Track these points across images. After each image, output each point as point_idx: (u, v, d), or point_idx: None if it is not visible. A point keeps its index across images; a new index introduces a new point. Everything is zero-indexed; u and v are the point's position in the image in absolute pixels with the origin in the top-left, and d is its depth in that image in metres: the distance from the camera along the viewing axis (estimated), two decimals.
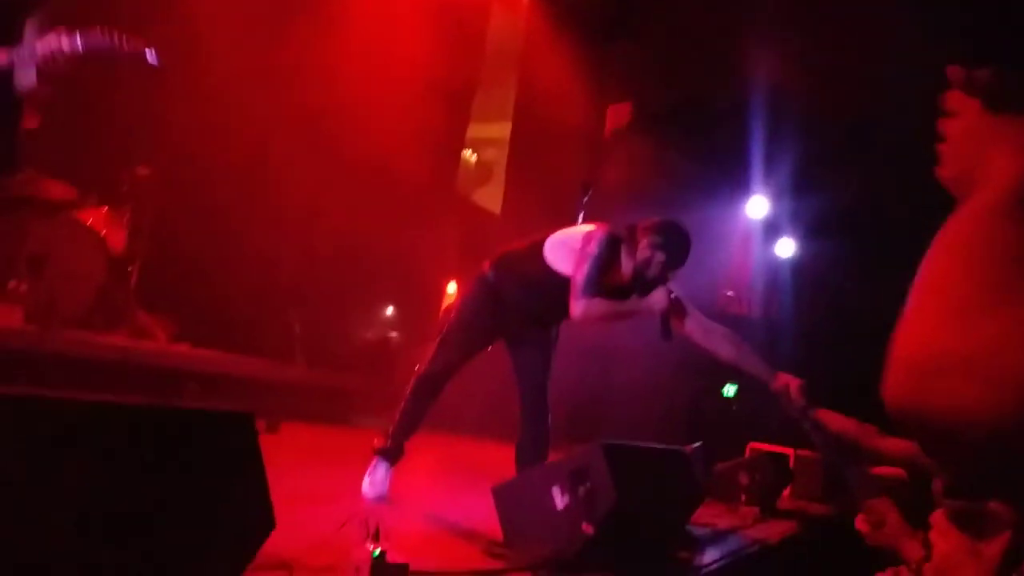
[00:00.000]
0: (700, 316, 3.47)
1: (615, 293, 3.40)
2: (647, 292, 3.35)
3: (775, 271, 9.34)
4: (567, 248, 3.43)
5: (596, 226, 3.45)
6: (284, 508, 1.62)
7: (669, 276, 3.35)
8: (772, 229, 9.34)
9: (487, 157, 11.84)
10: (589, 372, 7.36)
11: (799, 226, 9.10)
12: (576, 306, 3.30)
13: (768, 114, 8.42)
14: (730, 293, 8.06)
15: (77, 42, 2.84)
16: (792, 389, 3.05)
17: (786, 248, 9.35)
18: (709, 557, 3.20)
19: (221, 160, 6.00)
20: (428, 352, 3.72)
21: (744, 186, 9.08)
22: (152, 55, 2.96)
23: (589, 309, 3.30)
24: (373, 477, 3.40)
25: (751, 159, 8.82)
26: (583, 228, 3.51)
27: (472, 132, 10.40)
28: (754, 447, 6.04)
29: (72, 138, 5.21)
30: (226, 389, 5.42)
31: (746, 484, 4.87)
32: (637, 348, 6.88)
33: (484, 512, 2.91)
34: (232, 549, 1.54)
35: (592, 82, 8.86)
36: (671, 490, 3.14)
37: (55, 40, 2.84)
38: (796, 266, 9.18)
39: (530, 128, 9.28)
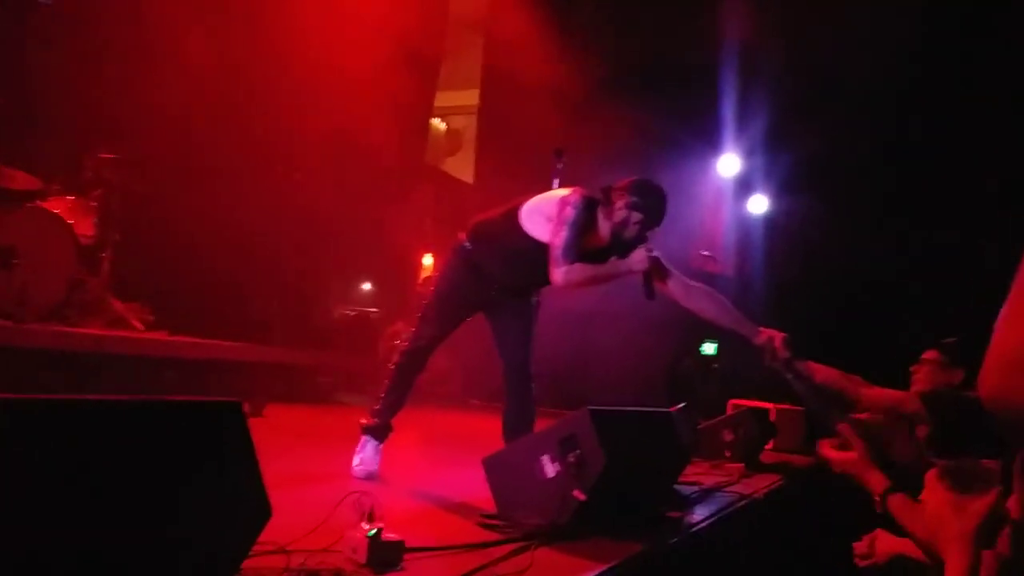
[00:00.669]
0: (680, 275, 3.49)
1: (594, 256, 3.37)
2: (626, 253, 3.34)
3: (748, 229, 9.39)
4: (543, 214, 3.38)
5: (571, 190, 3.42)
6: (276, 492, 1.61)
7: (647, 236, 3.35)
8: (744, 187, 9.37)
9: (456, 125, 11.74)
10: (569, 338, 7.39)
11: (771, 183, 9.13)
12: (557, 272, 3.28)
13: (738, 71, 8.40)
14: (705, 253, 8.09)
15: None
16: (776, 342, 3.10)
17: (758, 205, 9.39)
18: (699, 515, 3.25)
19: (186, 141, 5.89)
20: (409, 327, 3.71)
21: (715, 144, 9.09)
22: None
23: (570, 274, 3.28)
24: (363, 455, 3.40)
25: (722, 117, 8.81)
26: (557, 193, 3.46)
27: (440, 100, 10.29)
28: (735, 403, 6.13)
29: (31, 126, 5.09)
30: (207, 375, 5.37)
31: (730, 440, 4.95)
32: (615, 311, 6.92)
33: (475, 484, 2.93)
34: (230, 540, 1.54)
35: (560, 44, 8.77)
36: (658, 452, 3.18)
37: None
38: (769, 223, 9.23)
39: (499, 94, 9.19)
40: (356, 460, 3.39)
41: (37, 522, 1.18)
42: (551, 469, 2.63)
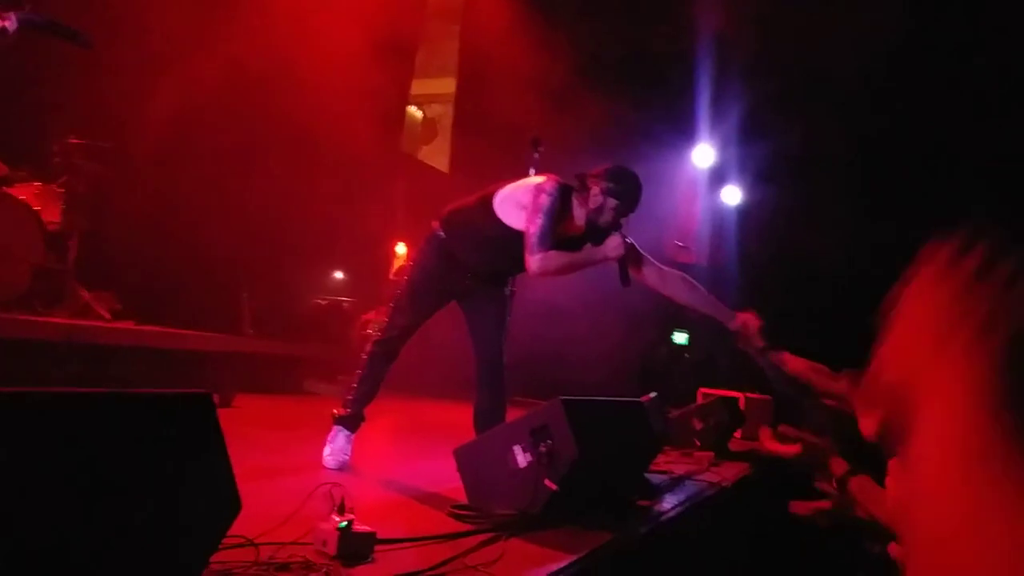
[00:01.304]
0: (654, 261, 3.51)
1: (569, 244, 3.38)
2: (601, 241, 3.35)
3: (722, 219, 9.47)
4: (517, 202, 3.37)
5: (545, 177, 3.41)
6: (246, 483, 1.59)
7: (622, 222, 3.36)
8: (718, 177, 9.43)
9: (432, 114, 11.67)
10: (542, 326, 7.40)
11: (745, 174, 9.20)
12: (532, 260, 3.28)
13: (713, 63, 8.44)
14: (679, 243, 8.14)
15: (14, 20, 2.70)
16: (751, 328, 3.13)
17: (732, 196, 9.46)
18: (669, 503, 3.28)
19: (155, 129, 5.79)
20: (382, 316, 3.69)
21: (690, 135, 9.13)
22: (85, 38, 2.84)
23: (546, 262, 3.28)
24: (333, 446, 3.38)
25: (697, 108, 8.85)
26: (532, 180, 3.45)
27: (416, 88, 10.22)
28: (705, 392, 6.19)
29: None
30: (175, 365, 5.30)
31: (700, 429, 5.00)
32: (588, 300, 6.94)
33: (446, 474, 2.93)
34: (200, 533, 1.52)
35: (537, 33, 8.74)
36: (630, 441, 3.20)
37: None
38: (742, 214, 9.31)
39: (475, 82, 9.15)
40: (327, 451, 3.37)
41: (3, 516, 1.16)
42: (523, 459, 2.64)
